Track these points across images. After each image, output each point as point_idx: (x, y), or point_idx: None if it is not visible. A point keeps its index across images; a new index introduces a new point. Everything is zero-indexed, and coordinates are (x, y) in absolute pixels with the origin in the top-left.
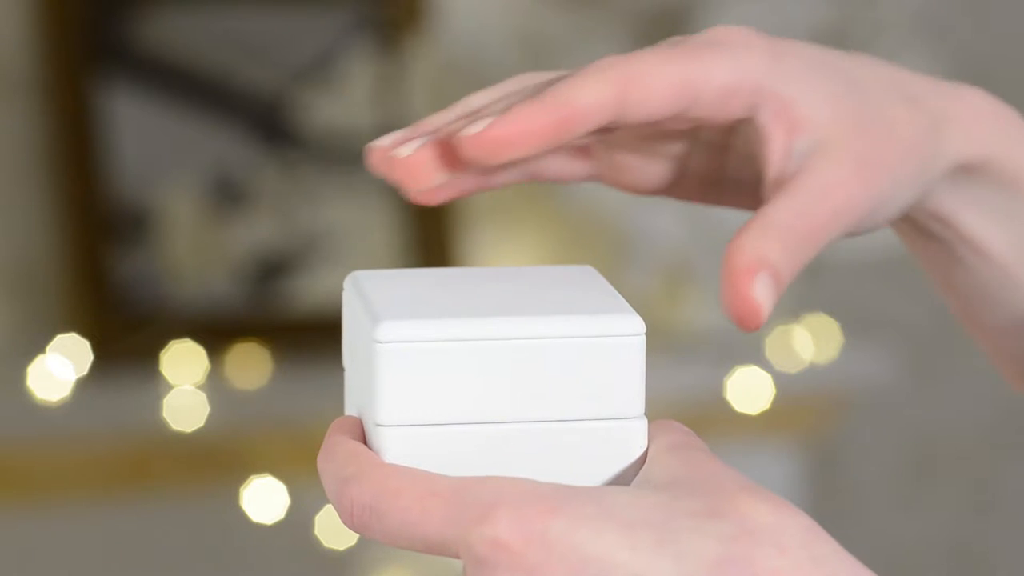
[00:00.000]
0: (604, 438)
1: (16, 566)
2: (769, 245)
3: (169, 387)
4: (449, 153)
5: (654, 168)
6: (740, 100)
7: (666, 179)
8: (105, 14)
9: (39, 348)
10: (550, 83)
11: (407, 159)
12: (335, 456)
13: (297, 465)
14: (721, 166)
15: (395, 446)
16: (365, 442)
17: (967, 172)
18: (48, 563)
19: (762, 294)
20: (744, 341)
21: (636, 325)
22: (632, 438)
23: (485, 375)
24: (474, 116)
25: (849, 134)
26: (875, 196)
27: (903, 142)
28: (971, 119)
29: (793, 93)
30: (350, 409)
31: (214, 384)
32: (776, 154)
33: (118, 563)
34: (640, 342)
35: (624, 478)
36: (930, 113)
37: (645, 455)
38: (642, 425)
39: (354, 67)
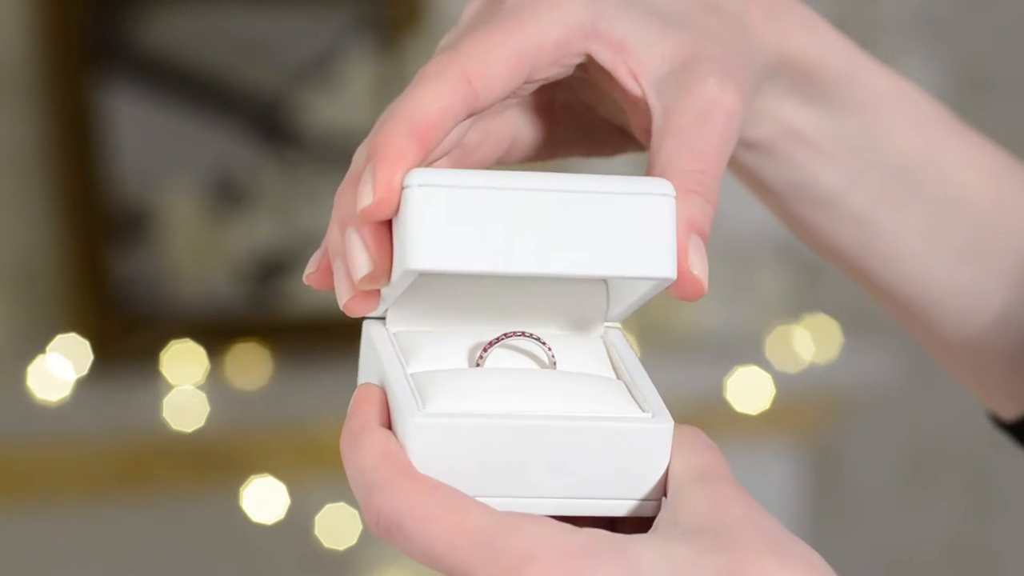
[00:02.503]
0: (629, 439)
1: (16, 566)
2: (687, 202)
3: (169, 387)
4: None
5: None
6: (575, 49)
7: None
8: (105, 14)
9: (39, 348)
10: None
11: (353, 301)
12: (360, 448)
13: (297, 465)
14: (589, 121)
15: (421, 442)
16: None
17: (768, 73)
18: (48, 563)
19: (697, 264)
20: (744, 341)
21: (667, 187)
22: (658, 442)
23: (515, 223)
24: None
25: (690, 57)
26: (745, 98)
27: (732, 49)
28: (762, 18)
29: (621, 33)
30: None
31: (214, 384)
32: (631, 90)
33: (118, 563)
34: (671, 203)
35: (651, 492)
36: (734, 18)
37: (667, 468)
38: (667, 429)
39: (354, 67)
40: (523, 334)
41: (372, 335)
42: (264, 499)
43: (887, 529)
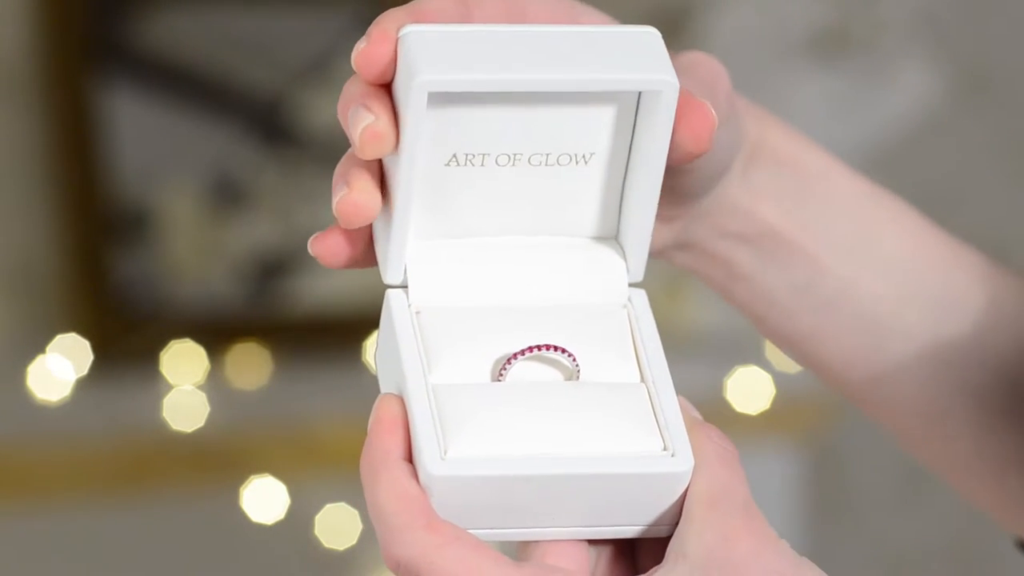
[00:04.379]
0: (649, 482)
1: (16, 566)
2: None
3: (169, 387)
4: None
5: None
6: (564, 8)
7: None
8: (105, 14)
9: (39, 348)
10: None
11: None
12: (379, 484)
13: (297, 465)
14: None
15: (442, 489)
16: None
17: (750, 158)
18: (48, 563)
19: (704, 98)
20: (744, 341)
21: (652, 29)
22: (677, 482)
23: (515, 52)
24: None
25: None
26: (729, 86)
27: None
28: (745, 107)
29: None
30: (387, 386)
31: (214, 384)
32: None
33: (118, 563)
34: (659, 38)
35: (668, 518)
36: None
37: (684, 495)
38: (687, 472)
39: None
40: (548, 347)
41: (393, 314)
42: (264, 499)
43: (887, 529)
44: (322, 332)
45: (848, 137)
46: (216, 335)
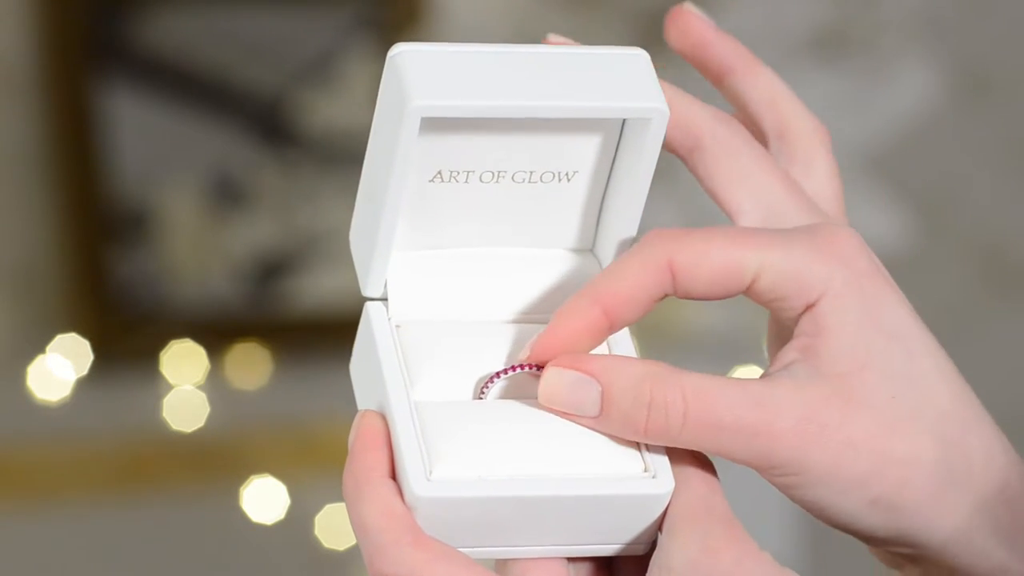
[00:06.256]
0: (630, 502)
1: (16, 566)
2: None
3: (169, 387)
4: None
5: None
6: (792, 301)
7: None
8: (105, 14)
9: (39, 348)
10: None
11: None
12: (364, 501)
13: (297, 465)
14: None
15: (427, 510)
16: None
17: (992, 503)
18: (48, 563)
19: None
20: (744, 341)
21: (641, 51)
22: (657, 503)
23: (507, 75)
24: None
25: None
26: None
27: None
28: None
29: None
30: (365, 402)
31: (214, 384)
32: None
33: (118, 563)
34: (647, 60)
35: (646, 536)
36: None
37: (664, 513)
38: (667, 493)
39: (354, 67)
40: (528, 367)
41: (374, 328)
42: (264, 499)
43: None
44: (322, 332)
45: (848, 137)
46: (216, 335)
